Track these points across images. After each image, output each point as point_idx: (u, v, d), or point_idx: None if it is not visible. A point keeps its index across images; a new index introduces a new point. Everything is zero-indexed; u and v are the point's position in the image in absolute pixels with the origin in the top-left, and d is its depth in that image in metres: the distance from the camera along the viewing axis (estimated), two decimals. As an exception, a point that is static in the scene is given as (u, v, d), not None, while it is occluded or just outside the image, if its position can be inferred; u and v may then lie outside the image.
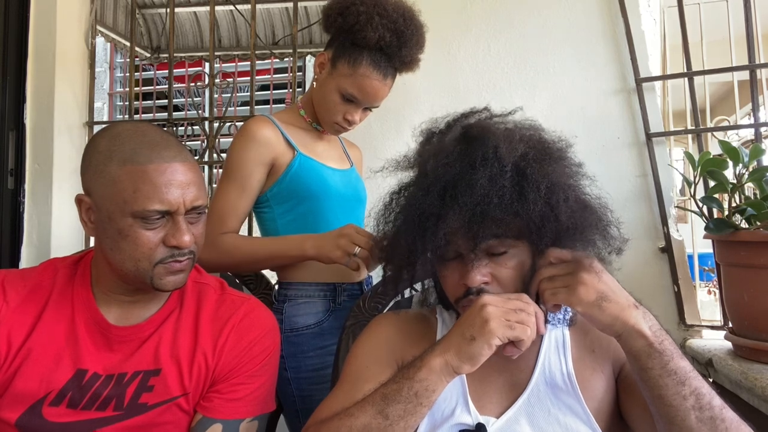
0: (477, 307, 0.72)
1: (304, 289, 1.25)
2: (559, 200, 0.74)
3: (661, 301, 1.69)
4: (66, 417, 0.84)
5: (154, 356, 0.88)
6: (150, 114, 4.80)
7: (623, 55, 1.75)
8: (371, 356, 0.87)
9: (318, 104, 1.30)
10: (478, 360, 0.71)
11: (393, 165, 0.88)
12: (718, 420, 0.68)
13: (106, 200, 0.81)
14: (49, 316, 0.86)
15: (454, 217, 0.73)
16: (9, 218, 1.99)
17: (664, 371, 0.69)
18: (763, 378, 1.20)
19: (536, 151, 0.78)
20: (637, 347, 0.70)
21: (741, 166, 1.33)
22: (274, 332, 0.97)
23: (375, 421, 0.71)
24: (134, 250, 0.81)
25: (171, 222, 0.83)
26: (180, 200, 0.82)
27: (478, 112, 0.88)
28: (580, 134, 1.74)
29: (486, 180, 0.73)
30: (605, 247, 0.78)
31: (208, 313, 0.92)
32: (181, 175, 0.83)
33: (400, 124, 1.87)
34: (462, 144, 0.79)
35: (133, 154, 0.81)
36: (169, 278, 0.85)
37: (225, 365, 0.90)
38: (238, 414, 0.89)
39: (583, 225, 0.76)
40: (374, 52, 1.20)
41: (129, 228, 0.81)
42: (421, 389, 0.72)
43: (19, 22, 2.00)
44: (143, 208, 0.79)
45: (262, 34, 2.70)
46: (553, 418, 0.79)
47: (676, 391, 0.68)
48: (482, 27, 1.86)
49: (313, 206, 1.26)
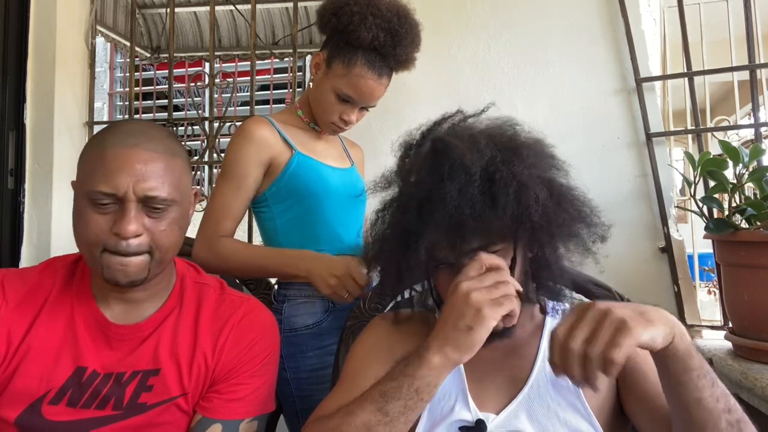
0: (460, 296, 0.71)
1: (303, 289, 1.25)
2: (530, 200, 0.73)
3: (661, 301, 1.69)
4: (65, 416, 0.84)
5: (153, 356, 0.87)
6: (150, 114, 4.80)
7: (623, 55, 1.75)
8: (371, 356, 0.87)
9: (314, 105, 1.30)
10: (478, 347, 0.72)
11: (372, 187, 0.88)
12: (743, 423, 0.66)
13: (75, 182, 0.84)
14: (48, 314, 0.86)
15: (433, 232, 0.74)
16: (9, 218, 1.99)
17: (702, 371, 0.66)
18: (763, 378, 1.20)
19: (504, 152, 0.77)
20: (684, 346, 0.65)
21: (741, 166, 1.33)
22: (274, 332, 0.97)
23: (375, 417, 0.72)
24: (85, 232, 0.81)
25: (120, 209, 0.81)
26: (128, 186, 0.79)
27: (451, 116, 0.88)
28: (580, 134, 1.77)
29: (456, 192, 0.73)
30: (590, 237, 0.79)
31: (208, 312, 0.92)
32: (139, 163, 0.81)
33: (400, 124, 1.87)
34: (430, 159, 0.79)
35: (103, 139, 0.83)
36: (112, 271, 0.81)
37: (225, 365, 0.90)
38: (238, 414, 0.89)
39: (560, 220, 0.75)
40: (369, 51, 1.20)
41: (83, 209, 0.81)
42: (422, 386, 0.72)
43: (19, 22, 2.00)
44: (90, 189, 0.80)
45: (262, 34, 2.70)
46: (552, 414, 0.80)
47: (711, 393, 0.65)
48: (482, 27, 1.86)
49: (312, 205, 1.26)
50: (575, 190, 0.81)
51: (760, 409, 1.21)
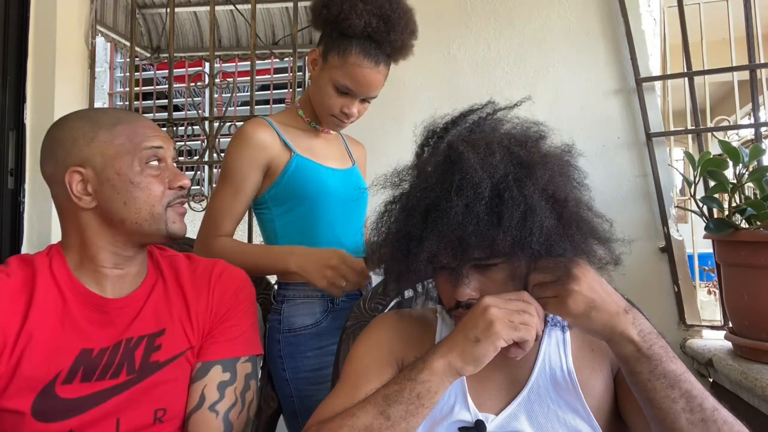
0: (480, 309, 0.72)
1: (302, 289, 1.25)
2: (534, 227, 0.71)
3: (661, 301, 1.69)
4: (82, 391, 0.85)
5: (154, 320, 0.93)
6: (150, 114, 4.80)
7: (623, 55, 1.75)
8: (372, 356, 0.87)
9: (314, 100, 1.30)
10: (482, 362, 0.71)
11: (382, 182, 0.86)
12: (709, 422, 0.68)
13: (109, 160, 0.89)
14: (40, 302, 0.87)
15: (435, 240, 0.74)
16: (9, 218, 1.99)
17: (653, 375, 0.70)
18: (763, 378, 1.20)
19: (518, 169, 0.74)
20: (625, 352, 0.72)
21: (741, 166, 1.33)
22: (250, 282, 1.05)
23: (377, 421, 0.71)
24: (148, 195, 0.90)
25: (166, 169, 0.94)
26: (170, 142, 0.95)
27: (480, 109, 0.86)
28: (580, 134, 1.77)
29: (462, 208, 0.72)
30: (603, 256, 0.77)
31: (187, 276, 0.99)
32: (157, 129, 0.95)
33: (401, 123, 1.87)
34: (442, 166, 0.78)
35: (117, 120, 0.92)
36: (178, 224, 0.94)
37: (218, 313, 0.97)
38: (235, 353, 0.96)
39: (560, 250, 0.73)
40: (362, 40, 1.19)
41: (139, 175, 0.90)
42: (423, 390, 0.72)
43: (19, 22, 2.00)
44: (146, 146, 0.90)
45: (262, 34, 2.70)
46: (552, 415, 0.80)
47: (665, 395, 0.69)
48: (482, 27, 1.86)
49: (311, 207, 1.26)
50: (592, 208, 0.79)
51: (760, 409, 1.20)
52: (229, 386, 0.93)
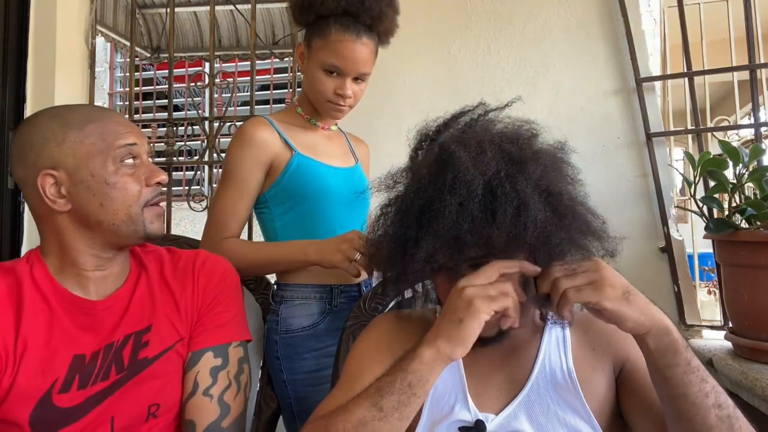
0: (456, 292, 0.73)
1: (300, 290, 1.25)
2: (528, 221, 0.72)
3: (661, 301, 1.67)
4: (78, 398, 0.85)
5: (140, 317, 0.92)
6: (150, 114, 4.80)
7: (623, 55, 1.75)
8: (371, 356, 0.87)
9: (308, 91, 1.30)
10: (469, 341, 0.71)
11: (377, 185, 0.87)
12: (733, 418, 0.68)
13: (82, 160, 0.86)
14: (28, 311, 0.86)
15: (430, 240, 0.74)
16: (9, 218, 1.99)
17: (689, 368, 0.68)
18: (763, 378, 1.20)
19: (510, 165, 0.75)
20: (665, 343, 0.69)
21: (741, 166, 1.33)
22: (234, 269, 1.05)
23: (369, 413, 0.72)
24: (125, 195, 0.88)
25: (142, 165, 0.91)
26: (143, 138, 0.92)
27: (471, 110, 0.87)
28: (580, 134, 1.77)
29: (455, 206, 0.72)
30: (598, 251, 0.77)
31: (171, 269, 0.99)
32: (130, 125, 0.93)
33: (401, 123, 1.87)
34: (434, 167, 0.78)
35: (88, 118, 0.89)
36: (156, 224, 0.92)
37: (205, 300, 0.97)
38: (225, 339, 0.96)
39: (557, 239, 0.73)
40: (339, 16, 1.21)
41: (114, 175, 0.88)
42: (414, 380, 0.72)
43: (19, 22, 2.00)
44: (119, 144, 0.88)
45: (262, 34, 2.70)
46: (552, 415, 0.79)
47: (699, 389, 0.67)
48: (482, 27, 1.86)
49: (312, 206, 1.26)
50: (585, 203, 0.79)
51: (760, 409, 1.21)
52: (221, 371, 0.93)
